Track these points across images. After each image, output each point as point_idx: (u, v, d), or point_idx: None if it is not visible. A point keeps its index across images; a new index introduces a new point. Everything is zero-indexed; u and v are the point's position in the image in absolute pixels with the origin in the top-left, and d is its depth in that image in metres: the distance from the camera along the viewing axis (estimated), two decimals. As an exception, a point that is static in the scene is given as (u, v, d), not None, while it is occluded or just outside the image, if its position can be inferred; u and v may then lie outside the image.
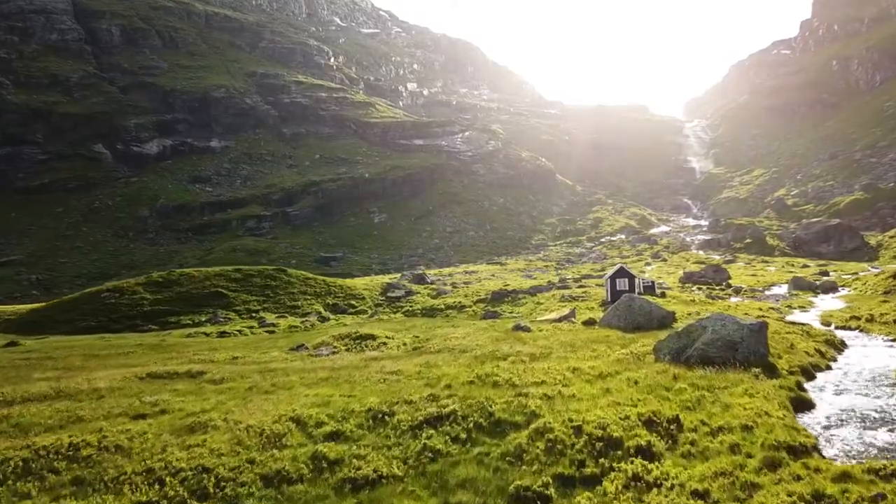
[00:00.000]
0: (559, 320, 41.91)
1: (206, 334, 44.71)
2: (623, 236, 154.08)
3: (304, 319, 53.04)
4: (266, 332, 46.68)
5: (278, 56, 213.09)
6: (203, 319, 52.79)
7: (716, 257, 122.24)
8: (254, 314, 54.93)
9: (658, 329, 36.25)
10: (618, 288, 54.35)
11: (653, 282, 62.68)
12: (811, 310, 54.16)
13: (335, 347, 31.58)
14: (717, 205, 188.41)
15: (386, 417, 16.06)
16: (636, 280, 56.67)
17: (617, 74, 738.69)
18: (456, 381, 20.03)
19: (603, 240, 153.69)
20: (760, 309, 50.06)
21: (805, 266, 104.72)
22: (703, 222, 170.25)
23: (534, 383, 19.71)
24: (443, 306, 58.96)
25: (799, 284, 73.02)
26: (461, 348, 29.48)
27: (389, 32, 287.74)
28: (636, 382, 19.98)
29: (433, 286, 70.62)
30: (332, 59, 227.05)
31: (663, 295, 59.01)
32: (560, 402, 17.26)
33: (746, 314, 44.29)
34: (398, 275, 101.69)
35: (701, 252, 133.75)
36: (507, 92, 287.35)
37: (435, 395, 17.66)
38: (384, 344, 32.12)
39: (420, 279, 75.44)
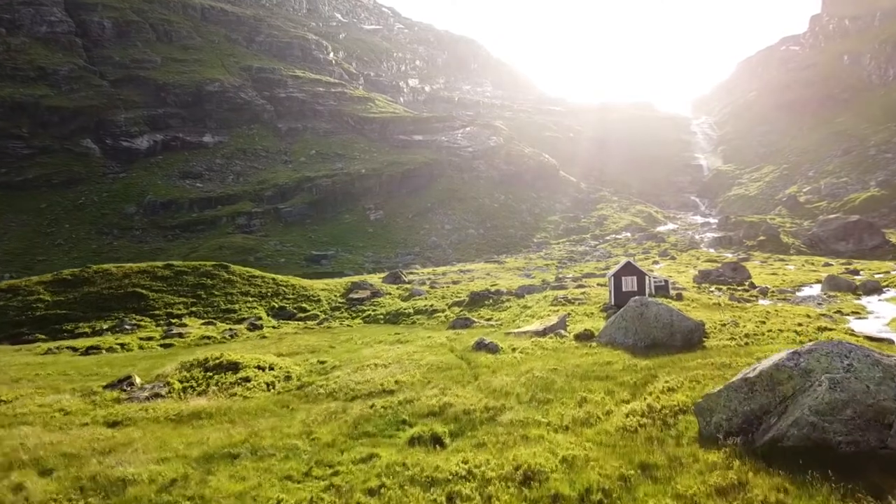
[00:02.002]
0: (543, 333, 28.95)
1: (74, 349, 32.20)
2: (629, 234, 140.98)
3: (230, 328, 40.33)
4: (161, 346, 34.02)
5: (275, 51, 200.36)
6: (105, 327, 40.29)
7: (728, 255, 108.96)
8: (174, 319, 42.39)
9: (683, 349, 23.39)
10: (624, 289, 41.26)
11: (666, 281, 49.45)
12: (868, 316, 40.87)
13: (166, 385, 19.03)
14: (726, 202, 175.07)
15: None
16: (646, 278, 43.45)
17: (622, 72, 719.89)
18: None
19: (608, 238, 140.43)
20: (808, 315, 36.91)
21: (827, 264, 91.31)
22: (712, 220, 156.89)
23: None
24: (411, 311, 46.14)
25: (835, 285, 59.52)
26: (362, 391, 16.91)
27: (392, 29, 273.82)
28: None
29: (408, 286, 57.75)
30: (332, 55, 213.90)
31: (679, 297, 45.92)
32: None
33: (800, 326, 31.22)
34: (384, 273, 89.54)
35: (711, 250, 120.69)
36: (511, 89, 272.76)
37: None
38: (246, 380, 19.48)
39: (395, 278, 62.61)
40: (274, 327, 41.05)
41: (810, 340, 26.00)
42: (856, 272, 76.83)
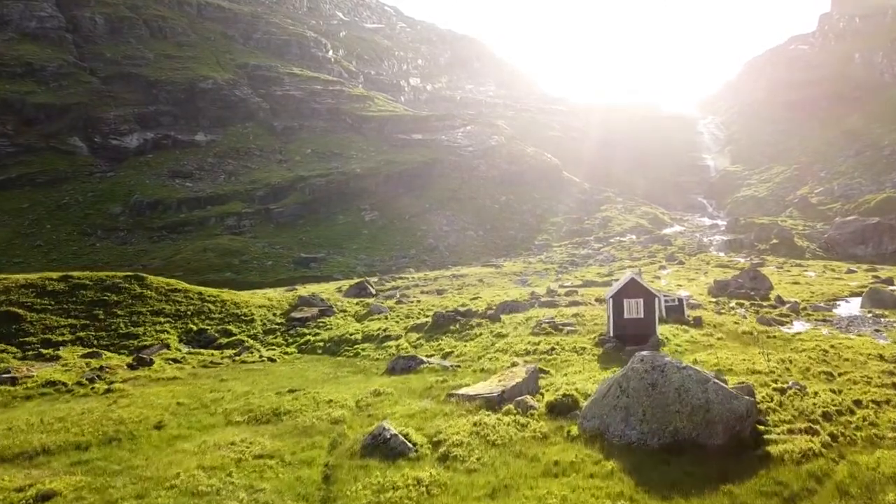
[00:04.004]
0: (499, 401, 18.10)
1: None
2: (633, 236, 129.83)
3: (103, 364, 29.60)
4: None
5: (273, 48, 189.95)
6: (-55, 363, 30.11)
7: (740, 260, 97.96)
8: (48, 350, 32.03)
9: (730, 464, 12.71)
10: (626, 314, 30.51)
11: (681, 299, 38.51)
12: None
13: None
14: (734, 204, 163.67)
15: None
16: (656, 300, 32.47)
17: (627, 71, 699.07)
18: None
19: (612, 240, 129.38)
20: (882, 357, 25.99)
21: (851, 271, 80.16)
22: (720, 222, 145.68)
23: None
24: (359, 336, 35.70)
25: (879, 300, 48.25)
26: None
27: (394, 27, 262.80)
28: None
29: (370, 300, 47.30)
30: (331, 53, 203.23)
31: (698, 322, 35.07)
32: None
33: None
34: (357, 279, 79.33)
35: (721, 254, 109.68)
36: (514, 88, 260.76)
37: None
38: None
39: (360, 290, 52.24)
40: (174, 360, 30.72)
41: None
42: (890, 281, 65.56)
